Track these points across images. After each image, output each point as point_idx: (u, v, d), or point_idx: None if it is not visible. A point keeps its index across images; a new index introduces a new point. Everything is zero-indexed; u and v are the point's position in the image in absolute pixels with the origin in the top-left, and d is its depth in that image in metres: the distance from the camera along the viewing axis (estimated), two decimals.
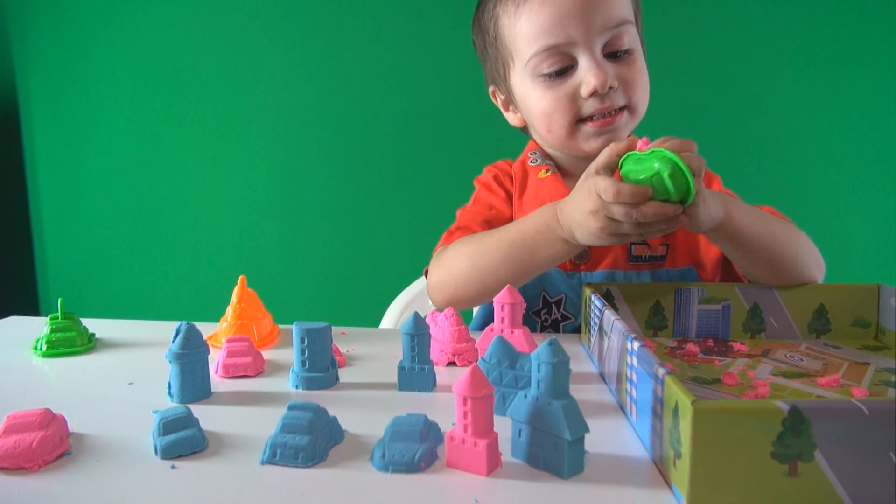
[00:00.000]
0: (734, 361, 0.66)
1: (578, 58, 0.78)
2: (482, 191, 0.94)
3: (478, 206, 0.92)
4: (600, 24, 0.77)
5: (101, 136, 1.95)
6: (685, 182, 0.60)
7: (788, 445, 0.36)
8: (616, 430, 0.50)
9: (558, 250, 0.72)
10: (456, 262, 0.79)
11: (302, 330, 0.59)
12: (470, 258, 0.77)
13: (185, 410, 0.48)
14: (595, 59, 0.77)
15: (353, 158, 1.85)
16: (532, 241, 0.73)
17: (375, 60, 1.80)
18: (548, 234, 0.72)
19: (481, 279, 0.76)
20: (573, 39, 0.77)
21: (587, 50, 0.77)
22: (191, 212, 1.95)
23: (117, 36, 1.89)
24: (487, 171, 0.96)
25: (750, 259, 0.74)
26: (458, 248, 0.80)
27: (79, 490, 0.41)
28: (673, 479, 0.40)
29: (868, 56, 1.66)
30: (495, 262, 0.75)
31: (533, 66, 0.80)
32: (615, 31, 0.78)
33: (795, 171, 1.72)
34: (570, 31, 0.76)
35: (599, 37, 0.77)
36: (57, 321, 0.72)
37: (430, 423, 0.47)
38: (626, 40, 0.79)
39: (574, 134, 0.82)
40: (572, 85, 0.79)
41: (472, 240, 0.79)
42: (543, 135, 0.86)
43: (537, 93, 0.82)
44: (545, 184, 0.88)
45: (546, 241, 0.72)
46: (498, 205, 0.90)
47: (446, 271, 0.80)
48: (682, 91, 1.69)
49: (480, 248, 0.77)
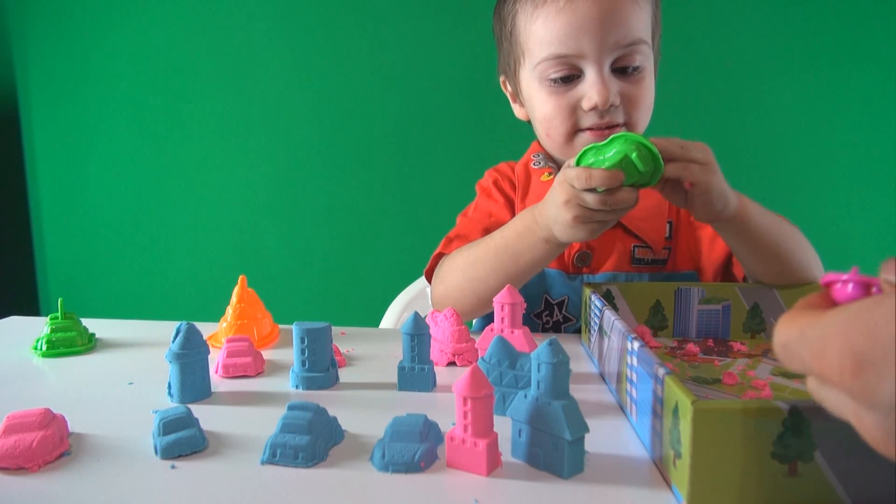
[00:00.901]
0: (734, 361, 0.66)
1: (586, 70, 0.79)
2: (482, 197, 0.94)
3: (477, 213, 0.92)
4: (613, 41, 0.77)
5: (101, 136, 1.95)
6: (652, 158, 0.63)
7: (788, 445, 0.36)
8: (616, 430, 0.50)
9: (539, 251, 0.72)
10: (452, 276, 0.80)
11: (302, 330, 0.59)
12: (463, 271, 0.79)
13: (185, 410, 0.48)
14: (601, 75, 0.77)
15: (353, 158, 1.85)
16: (514, 245, 0.74)
17: (375, 60, 1.80)
18: (528, 237, 0.72)
19: (474, 291, 0.77)
20: (583, 52, 0.77)
21: (595, 64, 0.78)
22: (191, 212, 1.95)
23: (118, 36, 1.89)
24: (488, 175, 0.96)
25: (757, 256, 0.74)
26: (453, 261, 0.81)
27: (79, 490, 0.41)
28: (673, 479, 0.40)
29: (868, 56, 1.66)
30: (485, 271, 0.76)
31: (541, 70, 0.81)
32: (627, 50, 0.78)
33: (795, 171, 1.72)
34: (582, 43, 0.77)
35: (610, 53, 0.78)
36: (57, 321, 0.72)
37: (430, 423, 0.47)
38: (637, 59, 0.79)
39: (571, 142, 0.83)
40: (575, 96, 0.80)
41: (464, 251, 0.81)
42: (543, 138, 0.87)
43: (542, 96, 0.82)
44: (548, 186, 0.88)
45: (527, 244, 0.73)
46: (497, 212, 0.90)
47: (444, 286, 0.81)
48: (682, 91, 1.69)
49: (470, 258, 0.78)
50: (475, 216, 0.91)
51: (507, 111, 0.95)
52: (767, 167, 1.73)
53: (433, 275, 0.86)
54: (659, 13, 0.85)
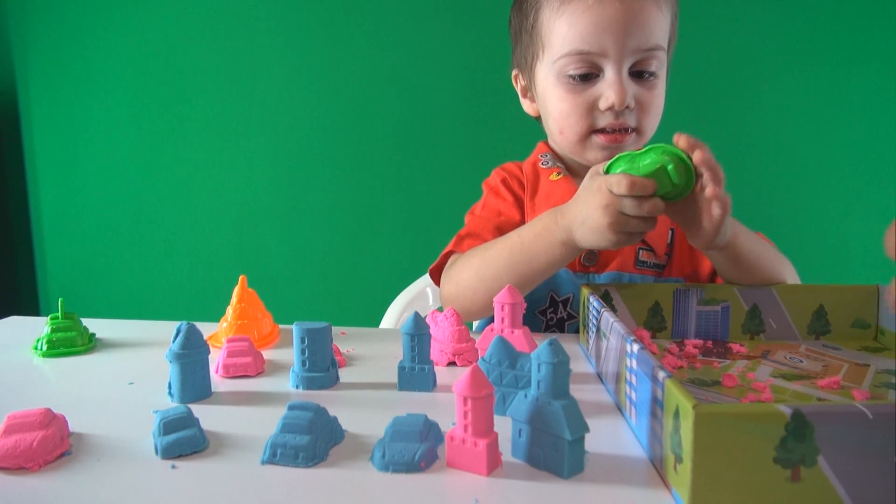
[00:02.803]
0: (733, 363, 0.66)
1: (605, 70, 0.80)
2: (490, 196, 0.94)
3: (487, 211, 0.91)
4: (635, 44, 0.78)
5: (101, 136, 1.95)
6: (687, 172, 0.63)
7: (791, 450, 0.36)
8: (616, 430, 0.50)
9: (555, 254, 0.72)
10: (464, 275, 0.80)
11: (302, 330, 0.59)
12: (476, 269, 0.78)
13: (186, 410, 0.48)
14: (620, 76, 0.79)
15: (353, 158, 1.85)
16: (531, 245, 0.74)
17: (375, 60, 1.80)
18: (546, 238, 0.72)
19: (487, 290, 0.76)
20: (605, 52, 0.78)
21: (616, 64, 0.79)
22: (191, 211, 1.95)
23: (117, 36, 1.89)
24: (495, 174, 0.96)
25: (738, 274, 0.76)
26: (467, 261, 0.81)
27: (79, 490, 0.42)
28: (673, 484, 0.40)
29: (868, 56, 1.66)
30: (498, 271, 0.76)
31: (561, 66, 0.81)
32: (646, 54, 0.79)
33: (795, 171, 1.72)
34: (605, 43, 0.78)
35: (631, 56, 0.79)
36: (57, 321, 0.72)
37: (430, 423, 0.47)
38: (654, 65, 0.81)
39: (584, 142, 0.84)
40: (592, 95, 0.81)
41: (479, 250, 0.80)
42: (555, 135, 0.87)
43: (559, 93, 0.83)
44: (558, 186, 0.88)
45: (544, 245, 0.73)
46: (507, 210, 0.90)
47: (455, 284, 0.81)
48: (682, 91, 1.69)
49: (486, 257, 0.78)
50: (484, 214, 0.91)
51: (508, 111, 0.95)
52: (767, 167, 1.72)
53: (443, 273, 0.86)
54: (676, 22, 0.86)
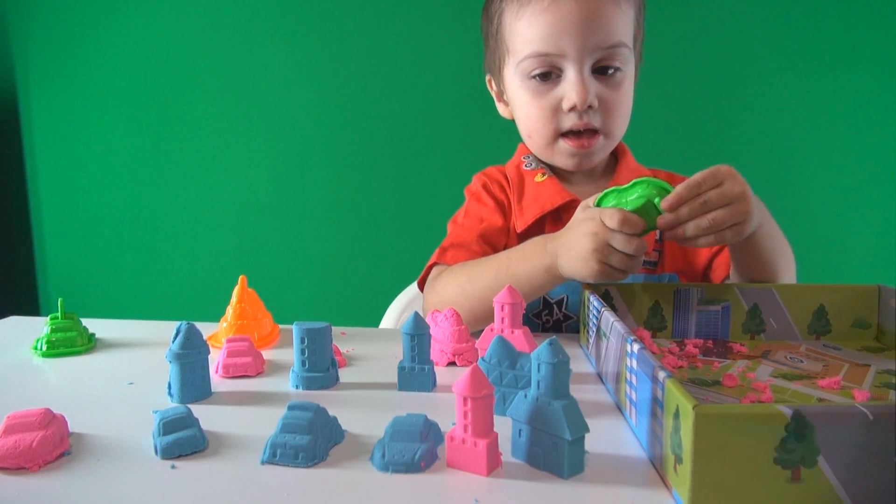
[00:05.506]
0: (734, 363, 0.66)
1: (566, 70, 0.80)
2: (472, 202, 0.93)
3: (469, 219, 0.91)
4: (594, 43, 0.78)
5: (101, 135, 1.95)
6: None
7: (791, 451, 0.36)
8: (616, 431, 0.50)
9: (537, 279, 0.72)
10: (448, 290, 0.80)
11: (302, 330, 0.59)
12: (461, 286, 0.78)
13: (186, 410, 0.48)
14: (581, 75, 0.79)
15: (353, 158, 1.85)
16: (516, 267, 0.74)
17: (376, 60, 1.80)
18: (532, 261, 0.72)
19: (470, 308, 0.76)
20: (564, 52, 0.79)
21: (576, 64, 0.79)
22: (191, 211, 1.95)
23: (117, 36, 1.89)
24: (476, 179, 0.95)
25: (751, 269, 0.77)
26: (452, 276, 0.81)
27: (79, 490, 0.41)
28: (673, 484, 0.40)
29: (868, 56, 1.66)
30: (483, 289, 0.75)
31: (523, 69, 0.82)
32: (607, 52, 0.79)
33: (795, 170, 1.72)
34: (563, 43, 0.78)
35: (591, 55, 0.79)
36: (57, 321, 0.72)
37: (430, 423, 0.47)
38: (617, 61, 0.81)
39: (552, 146, 0.85)
40: (556, 96, 0.81)
41: (466, 267, 0.80)
42: (526, 138, 0.89)
43: (525, 96, 0.84)
44: (544, 187, 0.88)
45: (528, 269, 0.73)
46: (489, 216, 0.89)
47: (438, 298, 0.81)
48: (682, 91, 1.69)
49: (472, 274, 0.78)
50: (466, 222, 0.90)
51: None
52: (767, 167, 1.72)
53: (426, 284, 0.86)
54: (642, 18, 0.86)
